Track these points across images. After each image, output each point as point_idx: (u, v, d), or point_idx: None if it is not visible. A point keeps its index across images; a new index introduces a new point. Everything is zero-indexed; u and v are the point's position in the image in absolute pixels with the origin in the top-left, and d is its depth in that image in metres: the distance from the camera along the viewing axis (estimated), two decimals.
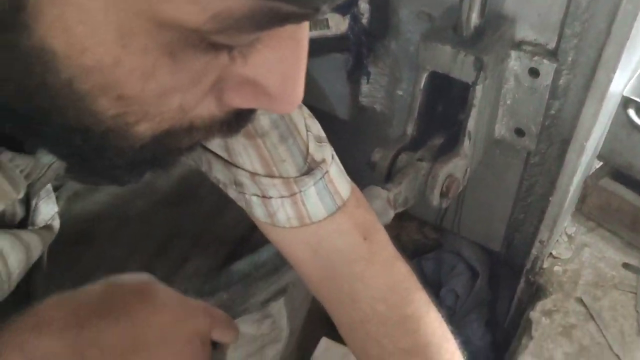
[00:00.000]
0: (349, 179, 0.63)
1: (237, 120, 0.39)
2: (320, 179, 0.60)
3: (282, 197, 0.59)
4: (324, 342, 1.24)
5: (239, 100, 0.36)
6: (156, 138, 0.36)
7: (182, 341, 0.56)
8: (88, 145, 0.35)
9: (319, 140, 0.61)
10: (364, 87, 1.12)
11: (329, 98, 1.14)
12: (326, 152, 0.61)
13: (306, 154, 0.60)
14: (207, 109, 0.36)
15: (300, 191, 0.59)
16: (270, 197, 0.60)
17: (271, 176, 0.59)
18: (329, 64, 1.08)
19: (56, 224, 0.55)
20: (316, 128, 0.61)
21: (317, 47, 1.05)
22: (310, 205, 0.60)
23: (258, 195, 0.60)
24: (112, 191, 0.79)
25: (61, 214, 0.76)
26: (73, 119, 0.33)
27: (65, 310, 0.53)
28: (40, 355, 0.50)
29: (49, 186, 0.60)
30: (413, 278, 0.65)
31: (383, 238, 0.65)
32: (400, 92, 1.11)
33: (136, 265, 0.76)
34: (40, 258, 0.73)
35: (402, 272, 0.64)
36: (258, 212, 0.61)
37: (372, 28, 1.02)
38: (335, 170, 0.61)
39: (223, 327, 0.60)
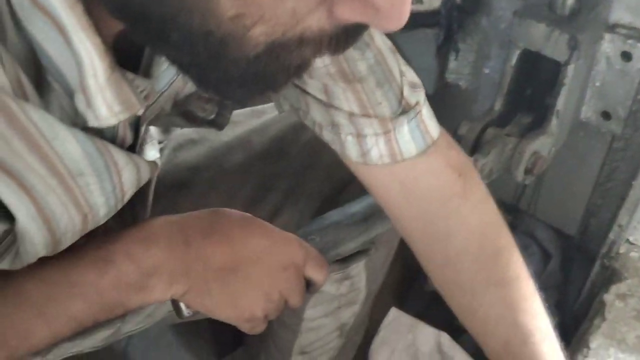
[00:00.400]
0: (438, 123, 0.66)
1: (345, 37, 0.41)
2: (413, 118, 0.63)
3: (376, 134, 0.63)
4: (394, 312, 1.27)
5: (347, 13, 0.38)
6: (269, 48, 0.38)
7: (277, 266, 0.60)
8: (207, 52, 0.38)
9: (413, 86, 0.64)
10: (452, 63, 1.13)
11: (415, 71, 1.16)
12: (419, 96, 0.65)
13: (400, 98, 0.63)
14: (317, 20, 0.38)
15: (394, 128, 0.63)
16: (365, 136, 0.63)
17: (367, 116, 0.62)
18: (418, 38, 1.10)
19: (158, 162, 0.60)
20: (410, 74, 0.65)
21: (409, 22, 1.06)
22: (402, 142, 0.63)
23: (353, 135, 0.64)
24: (212, 145, 0.84)
25: (165, 163, 0.82)
26: (197, 23, 0.36)
27: (173, 228, 0.58)
28: (150, 265, 0.55)
29: (153, 131, 0.65)
30: (501, 216, 0.67)
31: (476, 177, 0.68)
32: (487, 70, 1.12)
33: None
34: (146, 195, 0.79)
35: (494, 210, 0.67)
36: (352, 152, 0.65)
37: (464, 3, 1.03)
38: (426, 111, 0.65)
39: (316, 264, 0.63)
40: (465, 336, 1.24)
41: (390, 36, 0.80)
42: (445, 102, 1.22)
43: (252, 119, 0.88)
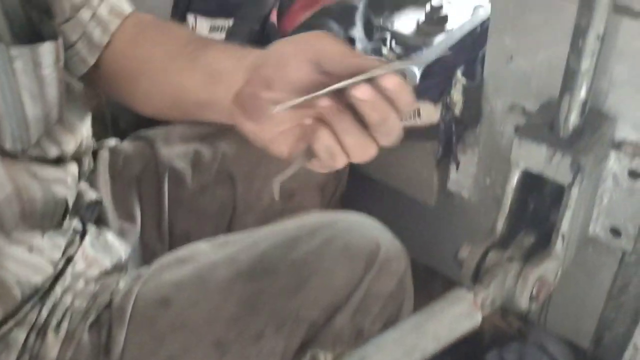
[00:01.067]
0: None
1: None
2: None
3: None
4: None
5: None
6: None
7: None
8: None
9: None
10: (452, 174, 1.10)
11: (416, 184, 1.13)
12: None
13: None
14: None
15: None
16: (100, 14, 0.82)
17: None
18: (417, 151, 1.07)
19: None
20: None
21: (407, 136, 1.04)
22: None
23: (94, 18, 0.81)
24: (198, 264, 0.82)
25: (147, 280, 0.80)
26: None
27: None
28: None
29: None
30: None
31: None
32: (488, 180, 1.08)
33: (210, 337, 0.77)
34: (124, 311, 0.78)
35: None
36: (97, 35, 0.82)
37: (463, 117, 1.00)
38: None
39: None
40: None
41: (389, 149, 0.78)
42: (450, 213, 1.18)
43: (244, 239, 0.85)
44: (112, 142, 1.03)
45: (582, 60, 0.76)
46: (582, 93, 0.79)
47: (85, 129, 0.88)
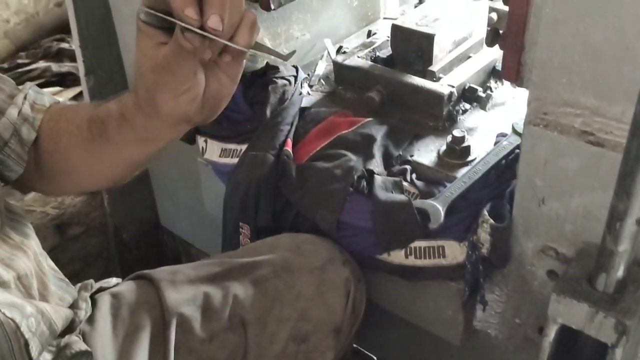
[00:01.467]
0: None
1: None
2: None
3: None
4: None
5: None
6: None
7: None
8: None
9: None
10: (479, 313, 1.03)
11: (440, 323, 1.06)
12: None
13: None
14: None
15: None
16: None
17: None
18: (442, 291, 1.01)
19: None
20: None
21: (431, 276, 0.98)
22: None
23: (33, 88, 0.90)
24: None
25: None
26: None
27: None
28: None
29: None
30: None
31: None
32: (517, 321, 1.01)
33: None
34: None
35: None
36: (46, 99, 0.89)
37: (491, 257, 0.94)
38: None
39: None
40: None
41: (413, 289, 0.69)
42: (475, 351, 1.10)
43: None
44: (112, 281, 0.97)
45: (619, 244, 0.71)
46: (620, 272, 0.74)
47: (35, 245, 0.83)
